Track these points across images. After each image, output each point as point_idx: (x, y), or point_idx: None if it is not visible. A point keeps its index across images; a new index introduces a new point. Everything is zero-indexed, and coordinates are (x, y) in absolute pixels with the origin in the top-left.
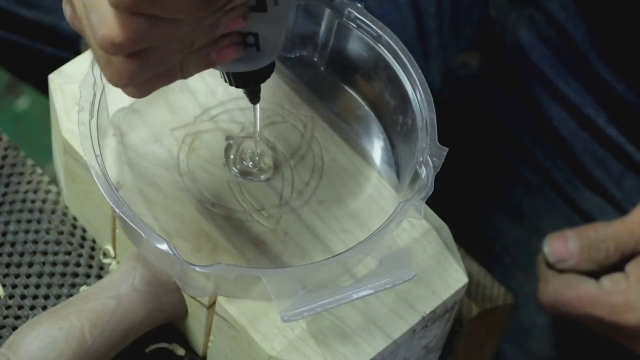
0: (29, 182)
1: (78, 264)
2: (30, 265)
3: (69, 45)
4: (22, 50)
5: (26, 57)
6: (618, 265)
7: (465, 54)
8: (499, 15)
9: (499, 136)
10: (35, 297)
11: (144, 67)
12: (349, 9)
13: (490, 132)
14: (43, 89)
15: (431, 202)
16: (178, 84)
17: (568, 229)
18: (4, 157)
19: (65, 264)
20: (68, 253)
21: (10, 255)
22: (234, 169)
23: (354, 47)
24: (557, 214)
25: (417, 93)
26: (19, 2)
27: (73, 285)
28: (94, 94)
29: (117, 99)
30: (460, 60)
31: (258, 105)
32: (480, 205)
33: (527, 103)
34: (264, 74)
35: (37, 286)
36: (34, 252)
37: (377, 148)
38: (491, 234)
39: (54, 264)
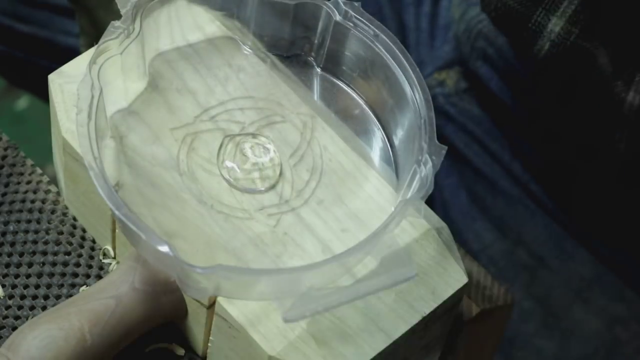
0: (29, 182)
1: (78, 264)
2: (30, 265)
3: (65, 58)
4: (19, 64)
5: (23, 70)
6: None
7: (441, 72)
8: (459, 46)
9: (476, 151)
10: (35, 297)
11: None
12: (346, 8)
13: (468, 147)
14: (42, 95)
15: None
16: (176, 84)
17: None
18: (4, 157)
19: (65, 264)
20: (68, 253)
21: (10, 255)
22: (228, 176)
23: (351, 46)
24: (538, 224)
25: (415, 92)
26: (14, 17)
27: (73, 285)
28: (92, 96)
29: (115, 100)
30: (437, 78)
31: None
32: (467, 217)
33: (503, 120)
34: None
35: (37, 286)
36: (34, 252)
37: (376, 147)
38: (477, 246)
39: (54, 264)
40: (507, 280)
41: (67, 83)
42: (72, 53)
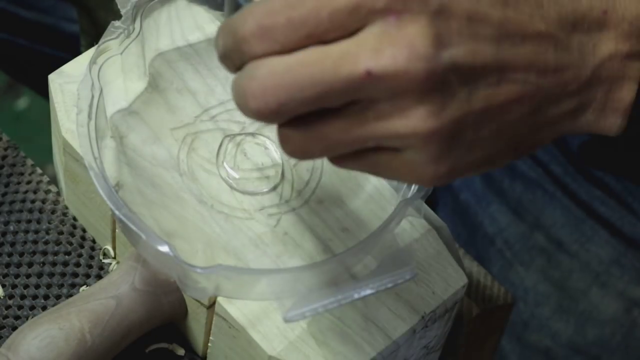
0: (29, 182)
1: (78, 264)
2: (30, 265)
3: (69, 45)
4: (22, 51)
5: (26, 58)
6: None
7: None
8: None
9: None
10: (35, 297)
11: None
12: None
13: None
14: (42, 91)
15: (432, 198)
16: (176, 84)
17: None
18: (4, 157)
19: (65, 264)
20: (68, 253)
21: (10, 255)
22: (227, 177)
23: None
24: (557, 208)
25: None
26: (18, 3)
27: (73, 285)
28: (92, 96)
29: (115, 100)
30: None
31: None
32: (482, 200)
33: None
34: None
35: (37, 286)
36: (34, 252)
37: None
38: (493, 229)
39: (54, 264)
40: (523, 264)
41: (67, 83)
42: (75, 40)
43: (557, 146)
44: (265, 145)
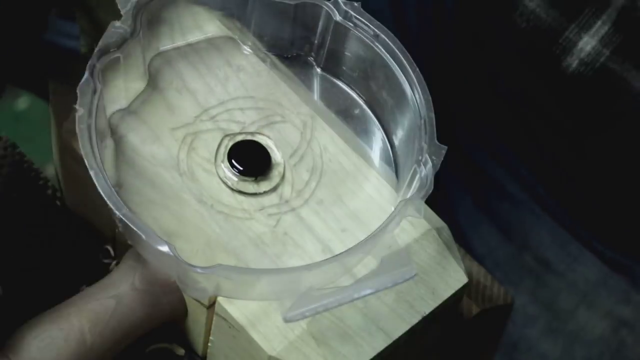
0: (29, 182)
1: (78, 264)
2: (30, 265)
3: (67, 61)
4: (20, 65)
5: (24, 71)
6: None
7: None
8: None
9: (484, 154)
10: (35, 297)
11: None
12: (346, 8)
13: (476, 150)
14: (42, 93)
15: (432, 199)
16: (176, 84)
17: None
18: (4, 157)
19: (66, 264)
20: (68, 253)
21: (10, 255)
22: (225, 177)
23: (351, 46)
24: (543, 228)
25: (415, 92)
26: None
27: (73, 286)
28: (92, 96)
29: (115, 100)
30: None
31: None
32: (471, 221)
33: (512, 120)
34: None
35: (37, 286)
36: (34, 252)
37: (376, 147)
38: (482, 250)
39: (54, 264)
40: (512, 284)
41: (67, 83)
42: (74, 55)
43: (541, 168)
44: (277, 154)
